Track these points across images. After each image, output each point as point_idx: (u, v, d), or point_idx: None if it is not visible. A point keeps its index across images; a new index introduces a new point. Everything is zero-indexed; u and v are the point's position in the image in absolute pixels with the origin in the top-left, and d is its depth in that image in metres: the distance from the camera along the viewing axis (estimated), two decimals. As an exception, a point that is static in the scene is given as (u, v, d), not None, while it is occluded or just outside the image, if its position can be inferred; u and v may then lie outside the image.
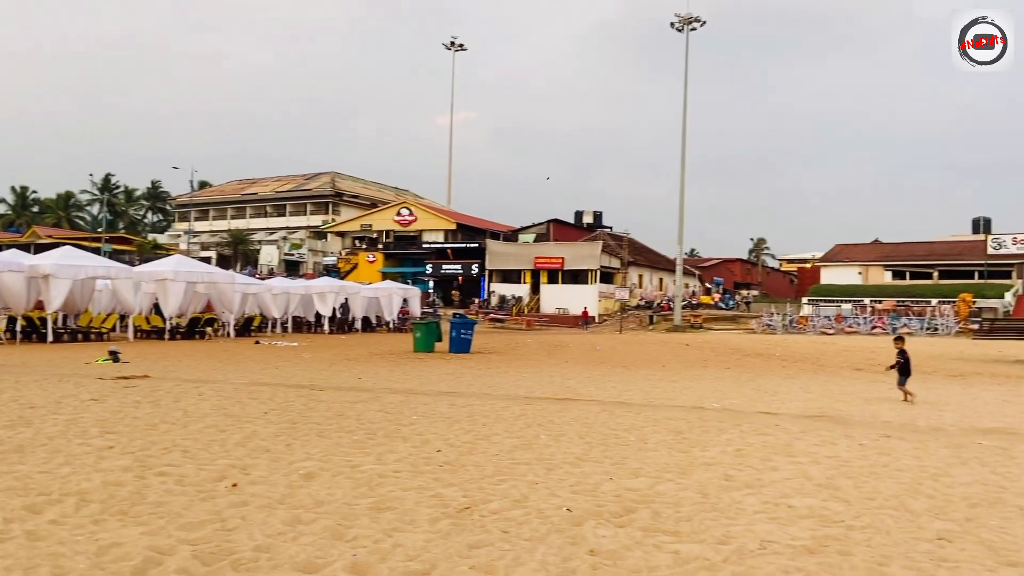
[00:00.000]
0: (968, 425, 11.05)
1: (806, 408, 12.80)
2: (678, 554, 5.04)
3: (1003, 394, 15.63)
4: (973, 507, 6.35)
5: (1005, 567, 4.90)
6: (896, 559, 5.02)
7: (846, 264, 61.68)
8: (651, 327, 53.01)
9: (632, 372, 20.28)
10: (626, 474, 7.34)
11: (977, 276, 55.13)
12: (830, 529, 5.67)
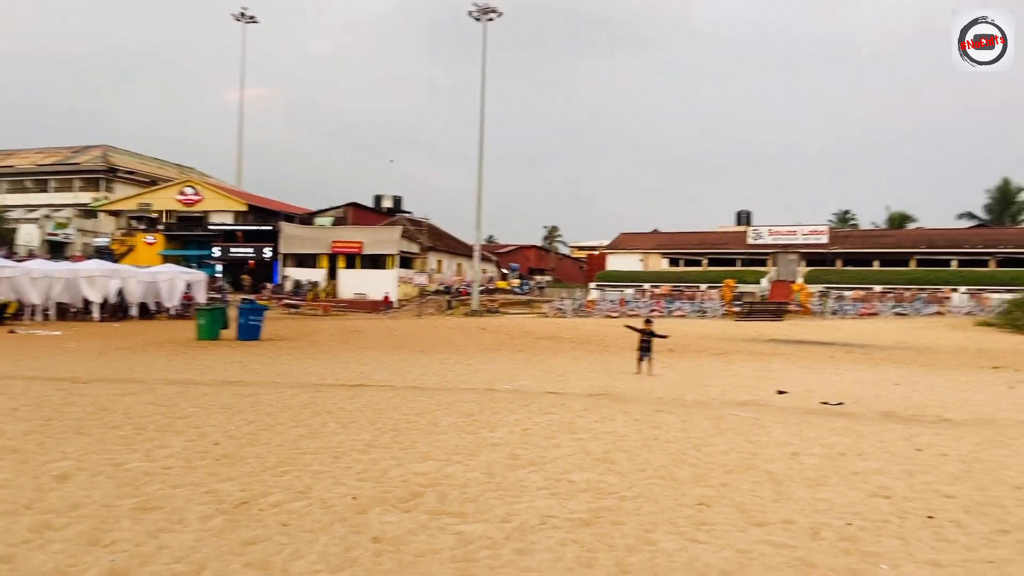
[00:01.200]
0: (728, 399, 12.17)
1: (590, 387, 13.47)
2: (462, 535, 5.07)
3: (758, 370, 17.40)
4: (729, 473, 6.98)
5: (754, 527, 5.41)
6: (662, 525, 5.38)
7: (629, 252, 65.91)
8: (450, 312, 53.59)
9: (428, 357, 20.34)
10: (415, 458, 7.31)
11: (739, 263, 61.16)
12: (605, 501, 5.97)
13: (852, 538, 5.18)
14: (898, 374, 16.79)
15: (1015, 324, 34.01)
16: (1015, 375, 16.89)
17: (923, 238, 59.41)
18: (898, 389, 13.91)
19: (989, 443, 8.61)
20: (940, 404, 11.91)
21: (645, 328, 16.38)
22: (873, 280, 53.25)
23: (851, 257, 58.06)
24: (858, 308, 47.57)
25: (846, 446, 8.32)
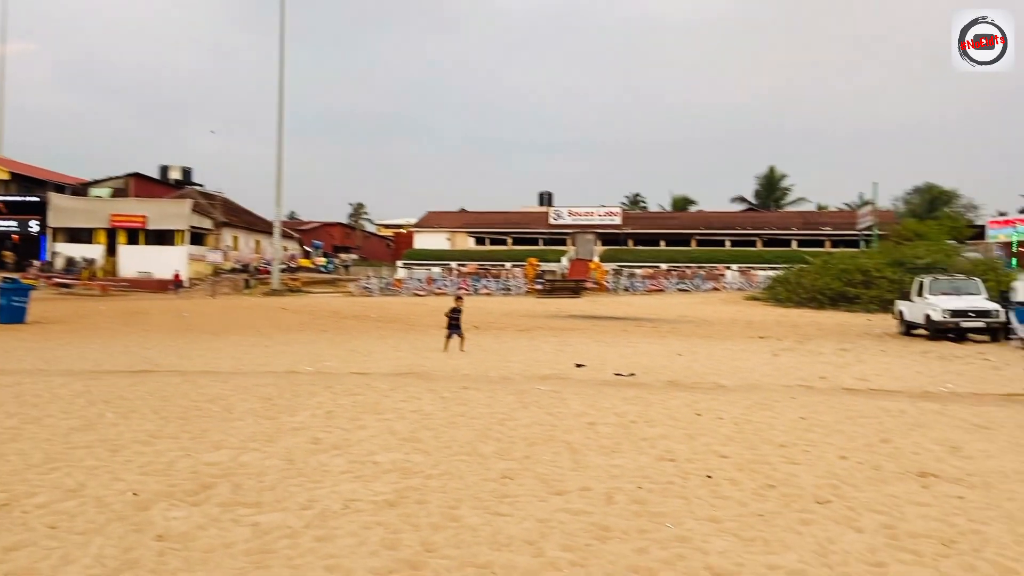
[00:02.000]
0: (531, 373, 12.56)
1: (396, 366, 13.37)
2: (258, 526, 4.82)
3: (558, 345, 18.13)
4: (531, 446, 7.18)
5: (554, 496, 5.60)
6: (467, 501, 5.42)
7: (436, 230, 66.18)
8: (247, 291, 51.05)
9: (223, 339, 19.23)
10: (206, 448, 6.85)
11: (542, 243, 63.43)
12: (411, 480, 5.92)
13: (642, 500, 5.51)
14: (681, 345, 18.17)
15: (776, 298, 37.98)
16: (777, 344, 18.85)
17: (702, 220, 64.71)
18: (681, 359, 15.04)
19: (757, 406, 9.53)
20: (716, 372, 13.03)
21: (455, 305, 16.64)
22: (660, 259, 57.28)
23: (641, 237, 62.03)
24: (647, 285, 50.97)
25: (636, 414, 8.85)
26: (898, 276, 31.69)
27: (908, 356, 16.21)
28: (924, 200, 67.50)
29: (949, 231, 45.88)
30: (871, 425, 8.44)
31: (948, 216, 55.27)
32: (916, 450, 7.26)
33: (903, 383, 12.11)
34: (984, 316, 19.60)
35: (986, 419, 8.93)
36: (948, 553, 4.56)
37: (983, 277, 24.90)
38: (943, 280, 21.94)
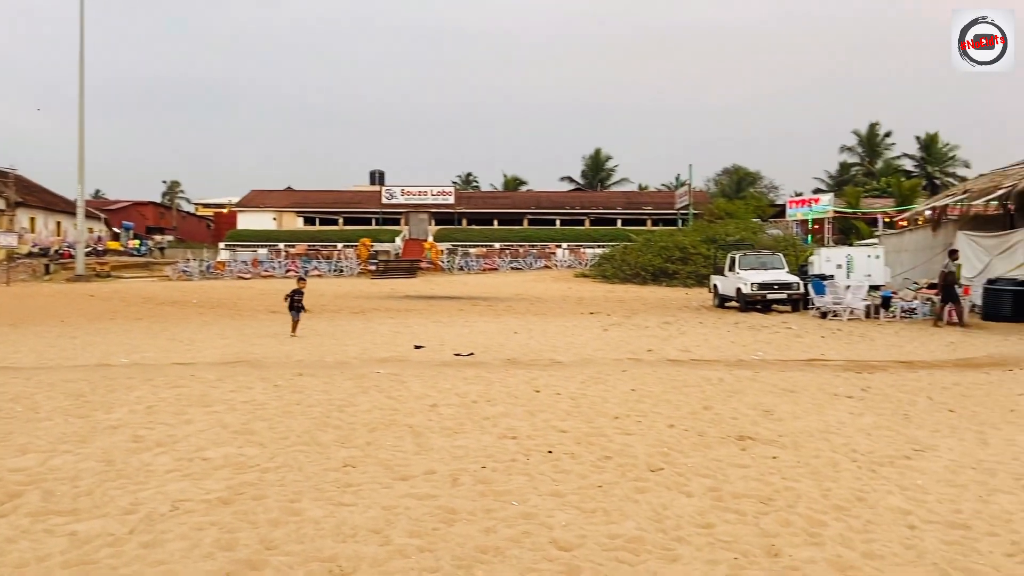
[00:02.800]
0: (369, 356, 12.34)
1: (223, 355, 12.69)
2: (76, 535, 4.40)
3: (396, 327, 17.94)
4: (373, 431, 7.05)
5: (399, 481, 5.52)
6: (307, 493, 5.23)
7: (262, 210, 63.30)
8: (48, 277, 46.52)
9: (22, 330, 17.43)
10: (10, 453, 6.18)
11: (374, 222, 62.38)
12: (246, 475, 5.64)
13: (486, 480, 5.56)
14: (517, 323, 18.54)
15: (604, 275, 39.68)
16: (607, 319, 19.69)
17: (533, 199, 66.23)
18: (518, 337, 15.35)
19: (592, 380, 9.90)
20: (552, 348, 13.41)
21: (297, 287, 16.17)
22: (494, 238, 58.08)
23: (475, 217, 62.55)
24: (481, 264, 51.54)
25: (477, 394, 8.93)
26: (711, 252, 34.04)
27: (723, 327, 17.46)
28: (732, 181, 72.82)
29: (755, 210, 49.85)
30: (694, 394, 9.01)
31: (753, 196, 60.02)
32: (735, 415, 7.83)
33: (720, 352, 13.02)
34: (787, 288, 21.47)
35: (792, 383, 9.80)
36: (767, 510, 4.94)
37: (784, 252, 27.28)
38: (751, 256, 23.80)
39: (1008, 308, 17.73)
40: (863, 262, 22.12)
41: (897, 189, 51.60)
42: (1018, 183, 19.07)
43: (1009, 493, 5.30)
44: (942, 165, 64.51)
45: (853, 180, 64.76)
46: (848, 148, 69.59)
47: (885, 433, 7.11)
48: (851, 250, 24.19)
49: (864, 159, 68.84)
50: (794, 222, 48.07)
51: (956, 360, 12.22)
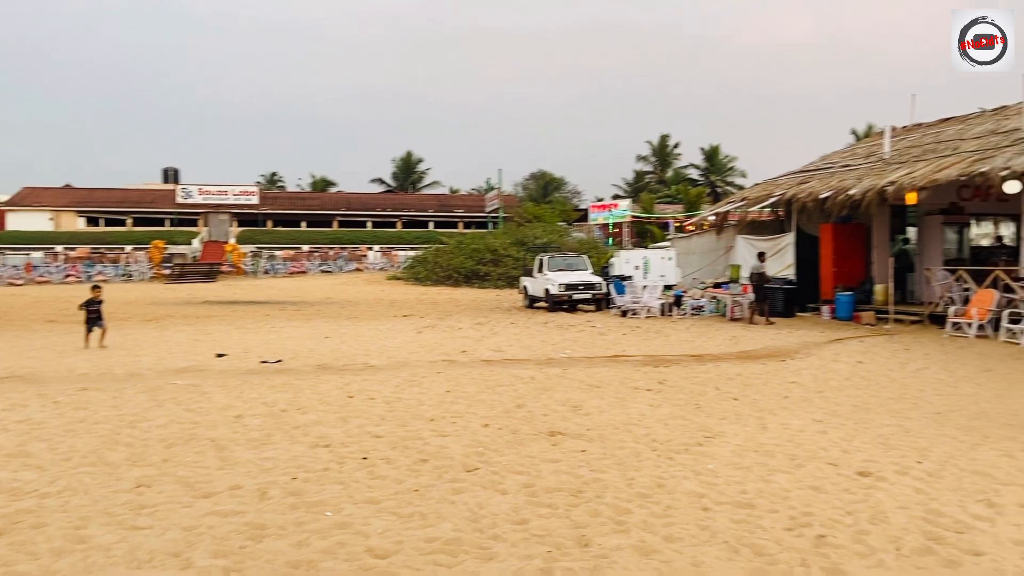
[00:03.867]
0: (164, 367, 11.48)
1: (-10, 370, 11.29)
2: None
3: (194, 334, 16.83)
4: (170, 447, 6.56)
5: (201, 499, 5.17)
6: (96, 518, 4.77)
7: (36, 209, 57.11)
8: None
9: None
10: None
11: (169, 223, 58.26)
12: (23, 502, 5.05)
13: (298, 492, 5.35)
14: (328, 328, 18.04)
15: (417, 277, 39.64)
16: (421, 321, 19.67)
17: (343, 201, 64.83)
18: (329, 342, 14.94)
19: (406, 383, 9.84)
20: (365, 352, 13.18)
21: (93, 296, 14.60)
22: (301, 240, 56.17)
23: (281, 218, 60.19)
24: (288, 267, 49.67)
25: (287, 402, 8.58)
26: (521, 255, 35.00)
27: (533, 327, 18.02)
28: (539, 186, 75.44)
29: (561, 214, 51.94)
30: (507, 392, 9.22)
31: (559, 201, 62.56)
32: (546, 412, 8.09)
33: (531, 351, 13.42)
34: (591, 289, 22.54)
35: (597, 379, 10.29)
36: (577, 502, 5.15)
37: (588, 254, 28.63)
38: (558, 258, 24.76)
39: (780, 304, 19.73)
40: (658, 263, 23.69)
41: (685, 196, 55.81)
42: (786, 192, 21.26)
43: (786, 472, 5.88)
44: (723, 175, 70.62)
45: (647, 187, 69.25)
46: (643, 157, 74.36)
47: (680, 422, 7.65)
48: (647, 252, 25.83)
49: (657, 168, 73.83)
50: (596, 226, 50.66)
51: (738, 353, 13.40)
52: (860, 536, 4.51)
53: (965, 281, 16.47)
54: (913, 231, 20.74)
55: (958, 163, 16.64)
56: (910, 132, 22.97)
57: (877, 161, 20.32)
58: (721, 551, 4.31)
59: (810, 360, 12.52)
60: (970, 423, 7.97)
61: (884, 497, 5.24)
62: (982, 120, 20.58)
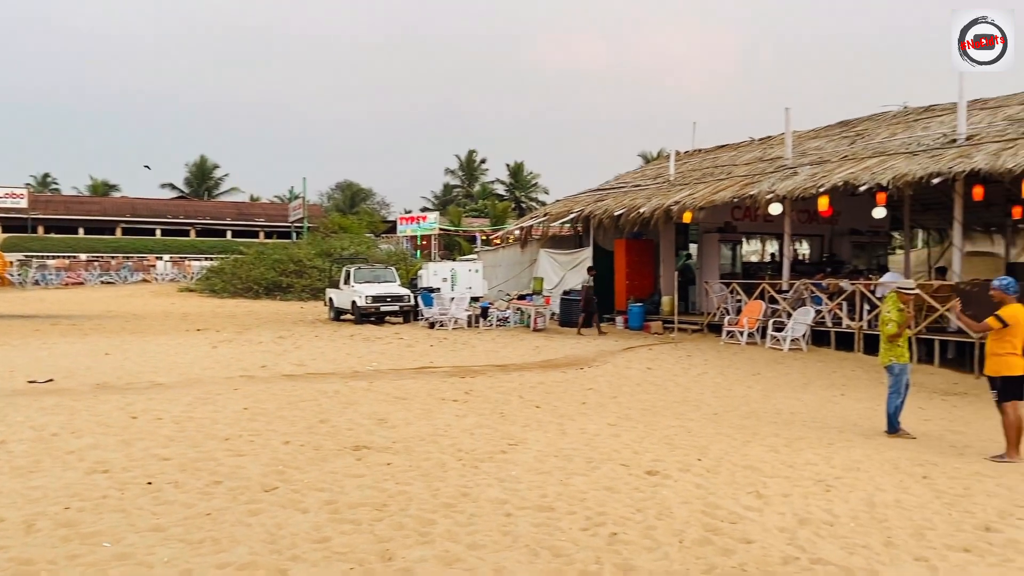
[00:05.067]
0: (-96, 390, 9.98)
1: None
2: None
3: (-55, 352, 14.79)
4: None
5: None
6: None
7: None
8: None
9: None
10: None
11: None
12: None
13: (71, 522, 4.86)
14: (109, 343, 16.55)
15: (213, 289, 37.44)
16: (216, 335, 18.58)
17: (128, 207, 59.97)
18: (110, 359, 13.72)
19: (199, 401, 9.24)
20: (153, 369, 12.23)
21: None
22: (79, 248, 51.37)
23: (55, 223, 54.66)
24: (63, 277, 45.10)
25: (59, 425, 7.77)
26: (327, 266, 34.14)
27: (339, 339, 17.60)
28: (346, 196, 74.06)
29: (368, 225, 51.34)
30: (310, 408, 8.93)
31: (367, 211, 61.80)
32: (351, 426, 7.92)
33: (336, 365, 13.10)
34: (399, 301, 22.42)
35: (404, 391, 10.25)
36: (381, 516, 5.08)
37: (396, 266, 28.50)
38: (365, 270, 24.41)
39: (579, 315, 20.74)
40: (465, 276, 24.03)
41: (492, 210, 57.25)
42: (584, 209, 22.41)
43: (583, 475, 6.16)
44: (527, 191, 73.12)
45: (456, 200, 70.25)
46: (451, 171, 75.35)
47: (486, 431, 7.79)
48: (455, 265, 26.16)
49: (464, 182, 75.09)
50: (404, 238, 50.52)
51: (541, 362, 13.90)
52: (648, 531, 4.81)
53: (738, 293, 18.19)
54: (695, 247, 22.60)
55: (732, 186, 18.37)
56: (692, 156, 25.09)
57: (664, 182, 21.95)
58: (522, 555, 4.43)
59: (606, 368, 13.24)
60: (742, 422, 8.79)
61: (669, 494, 5.64)
62: (751, 148, 22.91)
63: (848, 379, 12.51)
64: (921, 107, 19.82)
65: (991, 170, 12.88)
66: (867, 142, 18.28)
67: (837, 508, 5.38)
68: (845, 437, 8.08)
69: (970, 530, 4.98)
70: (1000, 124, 15.27)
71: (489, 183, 74.62)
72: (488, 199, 64.35)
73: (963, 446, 7.85)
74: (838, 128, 21.36)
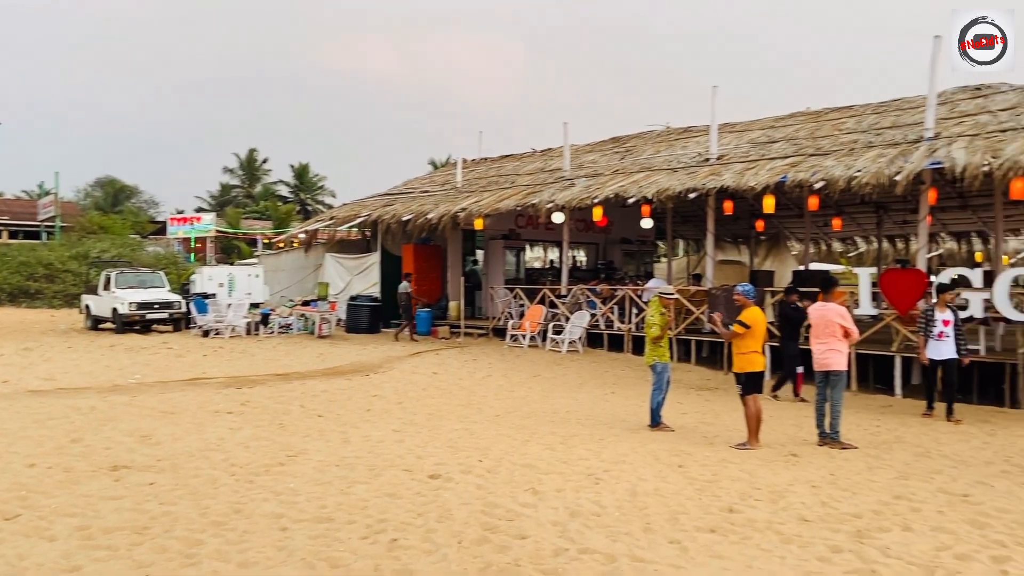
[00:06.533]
0: None
1: None
2: None
3: None
4: None
5: None
6: None
7: None
8: None
9: None
10: None
11: None
12: None
13: None
14: None
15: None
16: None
17: None
18: None
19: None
20: None
21: None
22: None
23: None
24: None
25: None
26: (84, 270, 31.00)
27: (96, 350, 16.03)
28: (108, 194, 67.64)
29: (133, 226, 47.27)
30: (61, 426, 8.06)
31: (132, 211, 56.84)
32: (108, 445, 7.25)
33: (92, 378, 11.93)
34: (168, 308, 20.83)
35: (172, 405, 9.54)
36: (142, 540, 4.70)
37: (166, 270, 26.49)
38: (129, 274, 22.43)
39: (366, 321, 20.45)
40: (244, 281, 22.83)
41: (275, 212, 54.90)
42: (372, 213, 22.17)
43: (365, 483, 6.09)
44: (313, 193, 71.02)
45: (235, 201, 66.62)
46: (230, 170, 71.36)
47: (263, 443, 7.45)
48: (233, 269, 24.75)
49: (245, 182, 71.45)
50: (176, 240, 47.07)
51: (325, 369, 13.55)
52: (428, 535, 4.85)
53: (521, 298, 18.88)
54: (481, 253, 23.16)
55: (515, 195, 19.04)
56: (478, 165, 25.70)
57: (451, 189, 22.29)
58: (298, 570, 4.29)
59: (392, 374, 13.19)
60: (522, 422, 9.13)
61: (450, 496, 5.72)
62: (533, 159, 23.90)
63: (618, 378, 13.41)
64: (681, 128, 21.74)
65: (737, 187, 14.40)
66: (635, 158, 19.74)
67: (605, 499, 5.74)
68: (614, 432, 8.65)
69: (716, 512, 5.53)
70: (745, 146, 17.14)
71: (272, 184, 71.59)
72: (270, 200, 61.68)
73: (713, 436, 8.69)
74: (611, 143, 22.87)
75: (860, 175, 12.67)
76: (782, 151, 15.75)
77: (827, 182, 13.09)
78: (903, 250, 24.47)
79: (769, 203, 14.86)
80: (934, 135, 13.10)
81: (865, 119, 16.64)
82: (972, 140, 12.46)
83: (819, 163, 13.80)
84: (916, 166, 12.21)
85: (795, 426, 9.31)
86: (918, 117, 14.19)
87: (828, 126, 16.99)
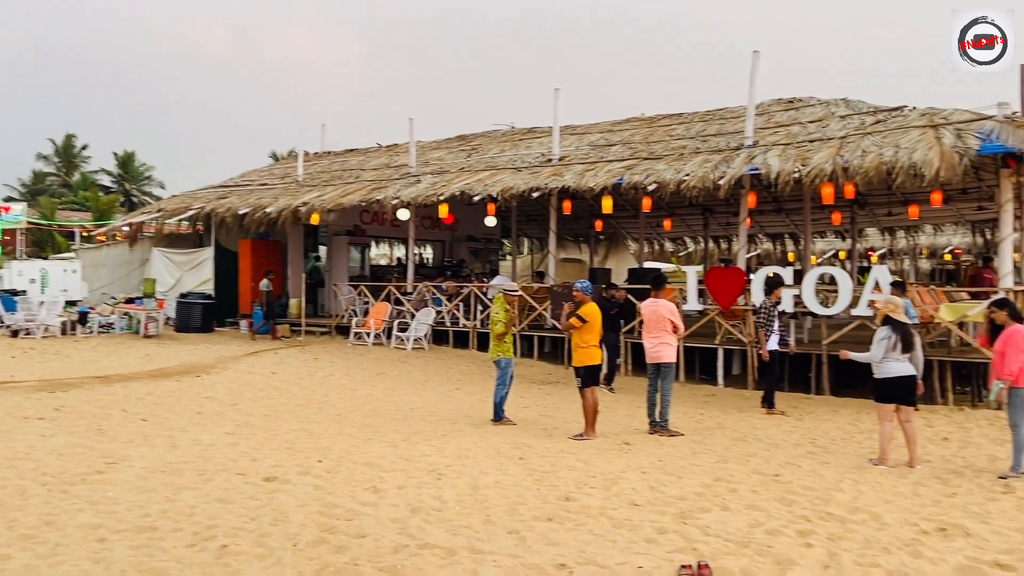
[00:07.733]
0: None
1: None
2: None
3: None
4: None
5: None
6: None
7: None
8: None
9: None
10: None
11: None
12: None
13: None
14: None
15: None
16: None
17: None
18: None
19: None
20: None
21: None
22: None
23: None
24: None
25: None
26: None
27: None
28: None
29: (-73, 215, 42.23)
30: None
31: (-76, 198, 50.76)
32: None
33: None
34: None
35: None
36: (-69, 563, 4.22)
37: (-34, 265, 23.87)
38: (-80, 268, 20.07)
39: (198, 320, 19.36)
40: (59, 277, 21.01)
41: (96, 203, 50.86)
42: (205, 206, 21.03)
43: (193, 489, 5.77)
44: (139, 184, 66.39)
45: (49, 191, 61.11)
46: (44, 157, 65.38)
47: (79, 451, 6.91)
48: (46, 264, 22.72)
49: (61, 170, 65.73)
50: (-20, 231, 42.55)
51: (151, 371, 12.72)
52: (262, 539, 4.68)
53: (365, 296, 18.57)
54: (324, 250, 22.55)
55: (360, 190, 18.70)
56: (321, 158, 25.01)
57: (292, 183, 21.55)
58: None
59: (226, 374, 12.60)
60: (365, 421, 9.00)
61: (286, 499, 5.54)
62: (379, 154, 23.58)
63: (463, 374, 13.51)
64: (525, 128, 22.19)
65: (577, 188, 14.89)
66: (481, 156, 19.93)
67: (446, 494, 5.77)
68: (457, 428, 8.71)
69: (554, 501, 5.70)
70: (585, 148, 17.75)
71: (92, 173, 66.25)
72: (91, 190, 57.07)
73: (553, 428, 8.95)
74: (457, 141, 22.97)
75: (688, 179, 13.45)
76: (619, 154, 16.43)
77: (659, 184, 13.81)
78: (727, 250, 26.27)
79: (607, 204, 15.47)
80: (752, 143, 14.13)
81: (693, 126, 17.71)
82: (785, 149, 13.54)
83: (652, 166, 14.52)
84: (737, 171, 13.12)
85: (628, 416, 9.77)
86: (740, 126, 15.24)
87: (660, 131, 17.95)
